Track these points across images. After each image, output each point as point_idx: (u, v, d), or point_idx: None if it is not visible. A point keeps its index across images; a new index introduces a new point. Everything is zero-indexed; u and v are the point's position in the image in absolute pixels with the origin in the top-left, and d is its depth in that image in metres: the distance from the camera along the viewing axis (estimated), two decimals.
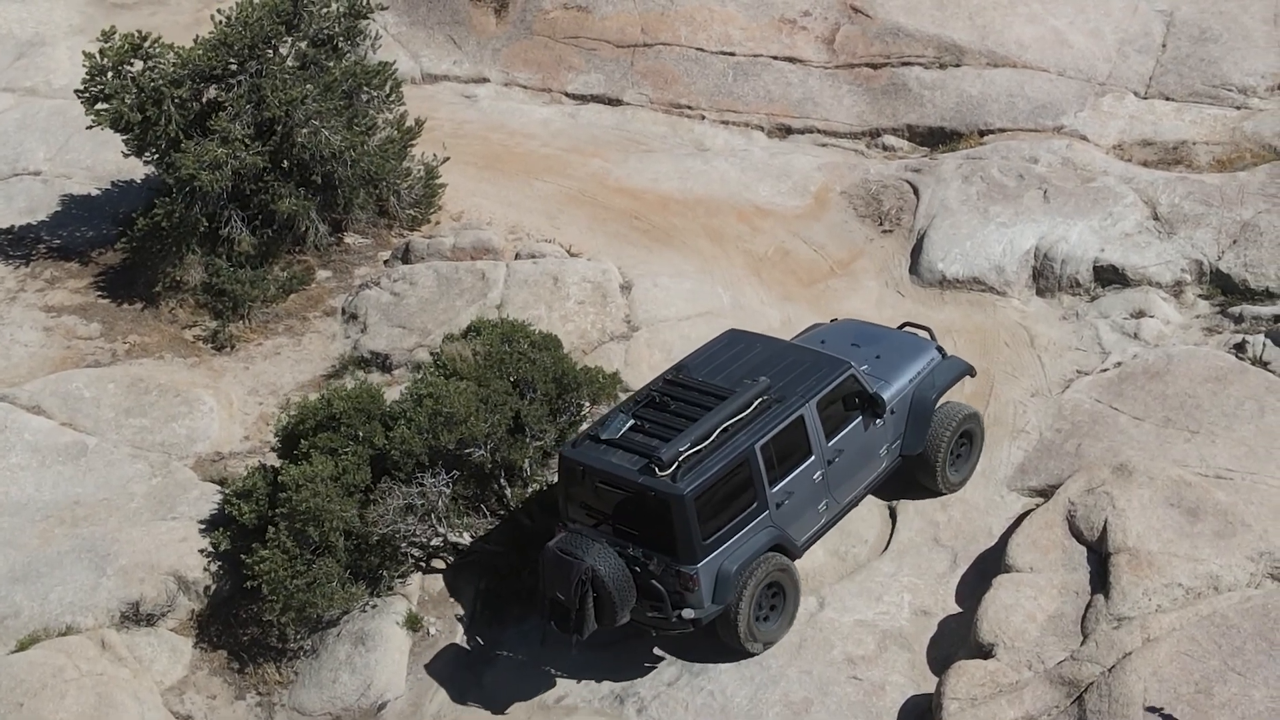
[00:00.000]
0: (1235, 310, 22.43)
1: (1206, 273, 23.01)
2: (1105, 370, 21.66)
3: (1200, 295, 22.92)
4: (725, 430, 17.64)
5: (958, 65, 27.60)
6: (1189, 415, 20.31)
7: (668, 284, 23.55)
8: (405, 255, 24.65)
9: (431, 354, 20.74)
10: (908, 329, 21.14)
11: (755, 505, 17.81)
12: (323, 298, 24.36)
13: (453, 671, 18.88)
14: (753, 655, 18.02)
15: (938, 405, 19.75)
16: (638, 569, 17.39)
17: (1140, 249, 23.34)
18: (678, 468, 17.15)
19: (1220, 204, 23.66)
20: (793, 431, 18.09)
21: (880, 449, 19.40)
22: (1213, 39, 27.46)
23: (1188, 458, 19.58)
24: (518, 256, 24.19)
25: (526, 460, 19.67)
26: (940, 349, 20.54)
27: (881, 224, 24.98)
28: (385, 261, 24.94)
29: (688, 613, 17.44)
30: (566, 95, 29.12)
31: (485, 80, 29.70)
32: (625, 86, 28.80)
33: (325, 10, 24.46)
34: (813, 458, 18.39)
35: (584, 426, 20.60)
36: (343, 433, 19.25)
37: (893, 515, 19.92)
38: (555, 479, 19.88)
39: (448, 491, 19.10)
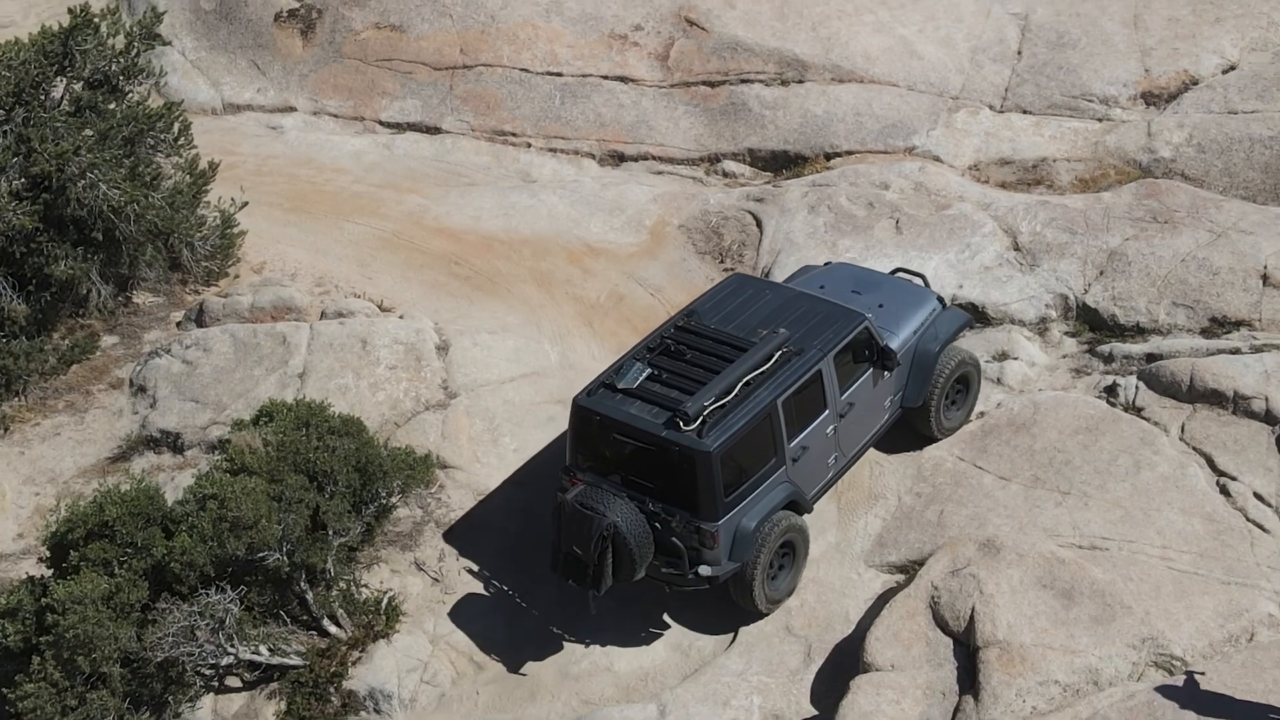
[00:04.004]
0: (1105, 349, 20.84)
1: (1073, 308, 21.42)
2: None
3: (1067, 333, 21.30)
4: (748, 384, 17.36)
5: (801, 82, 25.70)
6: (1059, 473, 18.73)
7: (489, 342, 21.48)
8: (199, 317, 22.36)
9: (220, 441, 18.59)
10: (900, 275, 20.67)
11: (774, 461, 17.59)
12: (108, 368, 22.05)
13: None
14: (765, 615, 17.83)
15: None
16: (658, 525, 17.19)
17: (1001, 284, 21.67)
18: (702, 422, 16.83)
19: (1085, 230, 22.03)
20: (811, 385, 17.89)
21: (885, 401, 19.17)
22: (1071, 44, 25.76)
23: (1059, 525, 18.00)
24: (323, 316, 22.01)
25: (330, 560, 17.69)
26: (940, 299, 20.08)
27: (723, 261, 23.10)
28: (178, 324, 22.65)
29: (704, 570, 17.25)
30: (381, 124, 26.83)
31: (292, 109, 27.31)
32: (444, 113, 26.60)
33: (100, 48, 22.07)
34: (827, 411, 18.18)
35: (398, 512, 18.93)
36: (118, 542, 17.11)
37: None
38: (364, 576, 18.55)
39: (235, 609, 17.01)
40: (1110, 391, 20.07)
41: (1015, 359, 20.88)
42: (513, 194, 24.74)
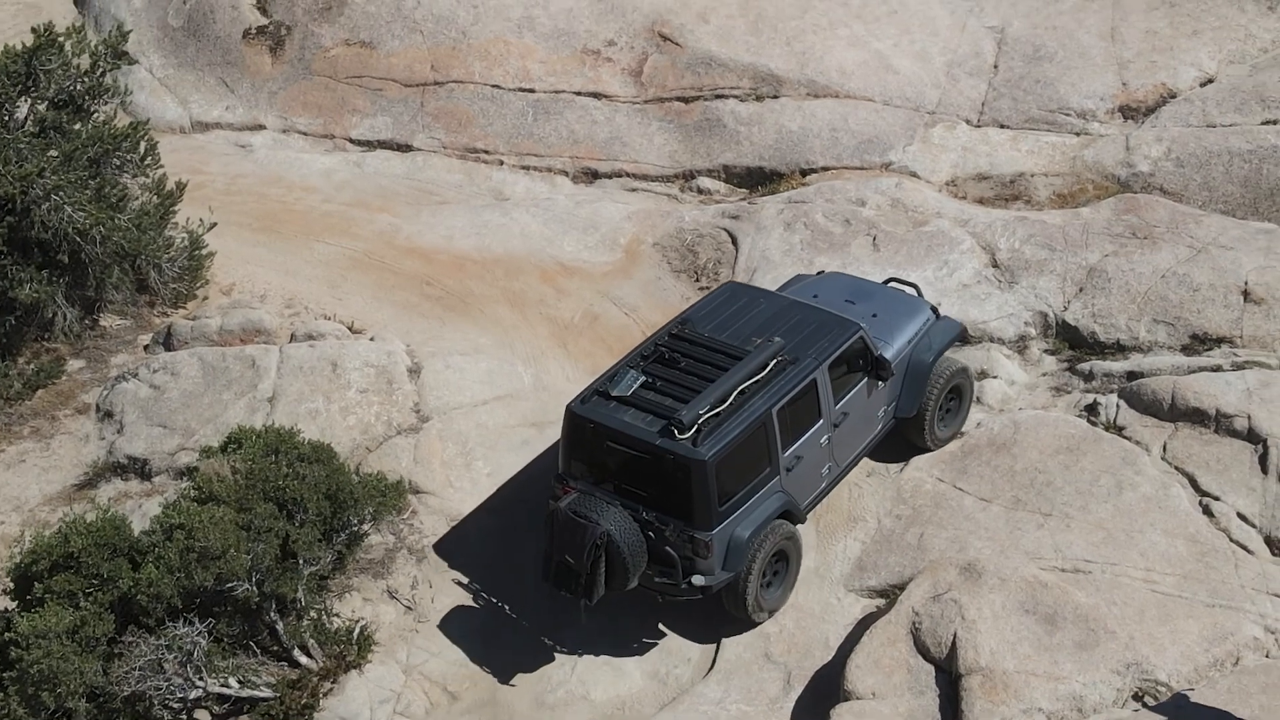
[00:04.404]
0: (1085, 367, 20.59)
1: (1052, 325, 21.18)
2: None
3: (1046, 351, 21.04)
4: (742, 392, 17.32)
5: (776, 97, 25.43)
6: (1040, 495, 18.45)
7: (461, 364, 21.16)
8: (167, 340, 22.00)
9: (188, 468, 18.25)
10: (893, 285, 20.55)
11: (768, 470, 17.53)
12: (75, 393, 21.66)
13: None
14: (757, 624, 17.71)
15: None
16: (651, 534, 17.08)
17: (980, 301, 21.41)
18: (697, 431, 16.79)
19: (1064, 247, 21.79)
20: (806, 395, 17.85)
21: (879, 411, 19.11)
22: (1047, 57, 25.53)
23: (1041, 548, 17.71)
24: (293, 338, 21.66)
25: (300, 589, 17.34)
26: (934, 308, 20.02)
27: (698, 279, 22.80)
28: (145, 347, 22.28)
29: (698, 579, 17.17)
30: (351, 141, 26.50)
31: (261, 127, 26.96)
32: (415, 130, 26.29)
33: (65, 68, 21.72)
34: (821, 421, 18.11)
35: (370, 539, 18.58)
36: (83, 573, 16.75)
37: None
38: (336, 605, 18.18)
39: (204, 641, 16.66)
40: (1091, 410, 19.81)
41: (995, 377, 20.62)
42: (485, 212, 24.42)
